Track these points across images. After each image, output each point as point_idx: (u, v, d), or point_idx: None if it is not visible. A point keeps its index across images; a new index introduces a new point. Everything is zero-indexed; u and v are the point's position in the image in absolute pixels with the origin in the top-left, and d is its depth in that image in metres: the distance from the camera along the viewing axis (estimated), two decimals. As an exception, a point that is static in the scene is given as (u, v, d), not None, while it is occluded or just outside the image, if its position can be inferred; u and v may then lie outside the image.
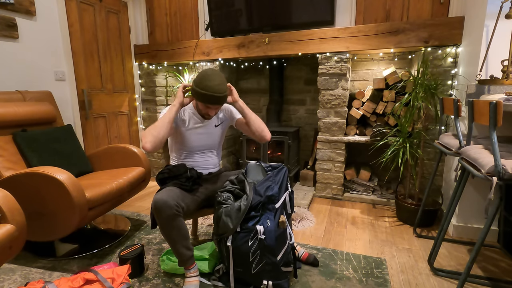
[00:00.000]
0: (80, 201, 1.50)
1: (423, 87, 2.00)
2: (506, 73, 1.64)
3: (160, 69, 3.29)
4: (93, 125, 2.81)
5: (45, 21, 2.33)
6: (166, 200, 1.30)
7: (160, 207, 1.30)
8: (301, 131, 3.14)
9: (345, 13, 2.50)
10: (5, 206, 1.16)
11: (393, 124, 2.44)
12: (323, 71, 2.51)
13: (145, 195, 2.82)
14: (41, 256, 1.77)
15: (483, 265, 1.65)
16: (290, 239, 1.45)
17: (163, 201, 1.30)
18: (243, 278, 1.42)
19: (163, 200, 1.30)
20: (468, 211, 1.93)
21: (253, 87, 3.30)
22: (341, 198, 2.66)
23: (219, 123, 1.66)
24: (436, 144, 1.78)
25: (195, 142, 1.59)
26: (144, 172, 2.06)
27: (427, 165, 2.32)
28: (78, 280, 1.31)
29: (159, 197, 1.31)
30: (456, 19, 2.09)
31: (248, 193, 1.38)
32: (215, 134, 1.66)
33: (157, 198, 1.32)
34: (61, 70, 2.48)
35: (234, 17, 2.76)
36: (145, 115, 3.36)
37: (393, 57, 2.65)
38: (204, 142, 1.62)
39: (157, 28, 3.21)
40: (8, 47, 2.10)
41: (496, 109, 1.10)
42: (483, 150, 1.31)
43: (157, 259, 1.73)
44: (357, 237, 1.99)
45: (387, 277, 1.54)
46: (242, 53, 2.73)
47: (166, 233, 1.37)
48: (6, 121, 1.82)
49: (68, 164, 1.95)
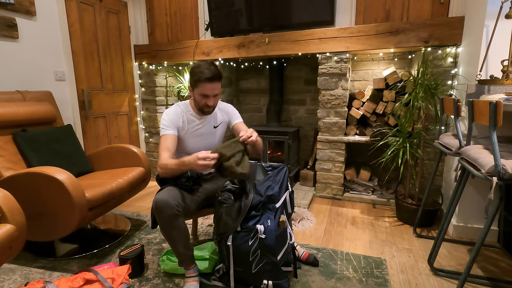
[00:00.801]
0: (80, 201, 1.50)
1: (423, 87, 2.00)
2: (506, 73, 1.64)
3: (160, 69, 3.29)
4: (93, 125, 2.81)
5: (45, 21, 2.33)
6: (167, 200, 1.30)
7: (161, 207, 1.30)
8: (301, 131, 3.14)
9: (345, 13, 2.50)
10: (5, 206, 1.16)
11: (393, 124, 2.44)
12: (323, 71, 2.51)
13: (145, 195, 2.82)
14: (41, 256, 1.77)
15: (483, 265, 1.65)
16: (290, 239, 1.45)
17: (164, 201, 1.30)
18: (243, 278, 1.42)
19: (164, 200, 1.30)
20: (468, 211, 1.93)
21: (253, 87, 3.30)
22: (341, 198, 2.66)
23: (218, 124, 1.65)
24: (436, 144, 1.78)
25: (195, 144, 1.58)
26: (144, 172, 2.06)
27: (427, 165, 2.32)
28: (78, 280, 1.31)
29: (160, 197, 1.31)
30: (456, 19, 2.09)
31: (248, 192, 1.38)
32: (214, 135, 1.65)
33: (158, 198, 1.31)
34: (61, 70, 2.48)
35: (234, 17, 2.76)
36: (145, 115, 3.36)
37: (393, 57, 2.65)
38: (204, 144, 1.60)
39: (157, 28, 3.21)
40: (8, 47, 2.10)
41: (496, 109, 1.10)
42: (483, 150, 1.31)
43: (157, 259, 1.73)
44: (357, 237, 1.99)
45: (387, 277, 1.54)
46: (242, 53, 2.73)
47: (167, 233, 1.36)
48: (6, 121, 1.82)
49: (68, 164, 1.95)
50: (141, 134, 3.42)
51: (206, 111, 1.53)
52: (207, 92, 1.45)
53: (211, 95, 1.46)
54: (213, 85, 1.44)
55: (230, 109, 1.69)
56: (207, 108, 1.51)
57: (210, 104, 1.49)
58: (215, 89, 1.46)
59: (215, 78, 1.43)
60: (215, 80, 1.43)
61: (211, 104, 1.49)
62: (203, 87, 1.44)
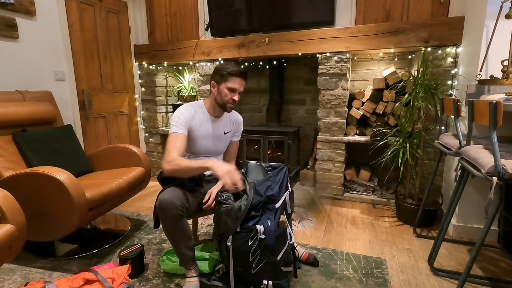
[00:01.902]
0: (80, 201, 1.50)
1: (423, 87, 2.00)
2: (506, 73, 1.64)
3: (160, 69, 3.29)
4: (93, 125, 2.81)
5: (45, 21, 2.33)
6: (172, 200, 1.30)
7: (166, 207, 1.30)
8: (301, 131, 3.14)
9: (345, 13, 2.50)
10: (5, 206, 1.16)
11: (393, 124, 2.44)
12: (323, 71, 2.51)
13: (145, 195, 2.82)
14: (41, 256, 1.77)
15: (483, 265, 1.65)
16: (290, 239, 1.45)
17: (168, 201, 1.30)
18: (243, 278, 1.42)
19: (169, 200, 1.30)
20: (468, 211, 1.93)
21: (253, 87, 3.30)
22: (341, 198, 2.66)
23: (228, 131, 1.66)
24: (436, 144, 1.78)
25: (203, 146, 1.57)
26: (144, 172, 2.06)
27: (427, 165, 2.32)
28: (78, 280, 1.31)
29: (165, 197, 1.31)
30: (456, 19, 2.09)
31: (248, 193, 1.38)
32: (222, 141, 1.65)
33: (162, 198, 1.31)
34: (61, 70, 2.48)
35: (234, 17, 2.76)
36: (145, 115, 3.36)
37: (393, 57, 2.65)
38: (210, 148, 1.60)
39: (157, 28, 3.21)
40: (8, 47, 2.10)
41: (496, 109, 1.10)
42: (483, 150, 1.31)
43: (157, 259, 1.73)
44: (357, 237, 1.99)
45: (387, 277, 1.54)
46: (242, 53, 2.73)
47: (170, 233, 1.36)
48: (6, 121, 1.82)
49: (68, 164, 1.95)
50: (141, 134, 3.42)
51: (229, 107, 1.53)
52: (236, 86, 1.47)
53: (239, 90, 1.49)
54: (242, 80, 1.49)
55: (240, 123, 1.74)
56: (231, 104, 1.51)
57: (236, 99, 1.50)
58: (243, 85, 1.51)
59: (246, 74, 1.50)
60: (245, 77, 1.49)
61: (236, 99, 1.50)
62: (233, 81, 1.46)
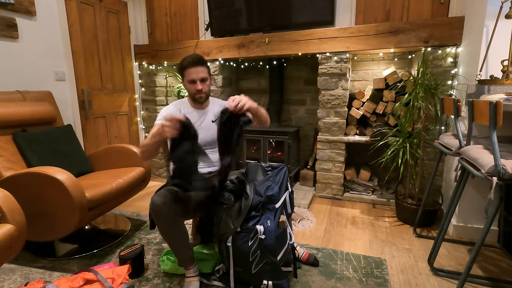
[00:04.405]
0: (80, 201, 1.50)
1: (423, 87, 2.00)
2: (506, 73, 1.64)
3: (160, 69, 3.29)
4: (93, 125, 2.81)
5: (45, 21, 2.33)
6: (163, 201, 1.30)
7: (158, 209, 1.30)
8: (301, 131, 3.14)
9: (345, 13, 2.50)
10: (5, 206, 1.16)
11: (393, 124, 2.44)
12: (323, 71, 2.51)
13: (145, 195, 2.82)
14: (41, 256, 1.77)
15: (483, 265, 1.65)
16: (290, 239, 1.45)
17: (160, 202, 1.30)
18: (243, 278, 1.42)
19: (160, 201, 1.30)
20: (468, 211, 1.93)
21: (253, 87, 3.30)
22: (341, 198, 2.66)
23: (216, 118, 1.65)
24: (436, 144, 1.78)
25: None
26: (144, 172, 2.06)
27: (427, 165, 2.32)
28: (78, 280, 1.31)
29: (156, 198, 1.31)
30: (456, 19, 2.09)
31: (248, 193, 1.38)
32: (212, 130, 1.64)
33: (154, 200, 1.31)
34: (61, 70, 2.47)
35: (234, 17, 2.76)
36: (145, 115, 3.36)
37: (393, 57, 2.65)
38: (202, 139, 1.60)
39: (157, 28, 3.20)
40: (8, 47, 2.10)
41: (496, 109, 1.10)
42: (483, 150, 1.31)
43: (157, 259, 1.73)
44: (357, 237, 1.99)
45: (387, 277, 1.54)
46: (242, 53, 2.73)
47: (165, 233, 1.37)
48: (6, 121, 1.82)
49: (68, 164, 1.95)
50: (141, 134, 3.41)
51: (198, 97, 1.55)
52: (193, 76, 1.50)
53: (197, 79, 1.50)
54: (196, 69, 1.49)
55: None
56: (198, 94, 1.54)
57: (199, 88, 1.51)
58: (199, 72, 1.50)
59: (197, 62, 1.49)
60: (197, 64, 1.49)
61: (199, 88, 1.52)
62: (188, 74, 1.50)
